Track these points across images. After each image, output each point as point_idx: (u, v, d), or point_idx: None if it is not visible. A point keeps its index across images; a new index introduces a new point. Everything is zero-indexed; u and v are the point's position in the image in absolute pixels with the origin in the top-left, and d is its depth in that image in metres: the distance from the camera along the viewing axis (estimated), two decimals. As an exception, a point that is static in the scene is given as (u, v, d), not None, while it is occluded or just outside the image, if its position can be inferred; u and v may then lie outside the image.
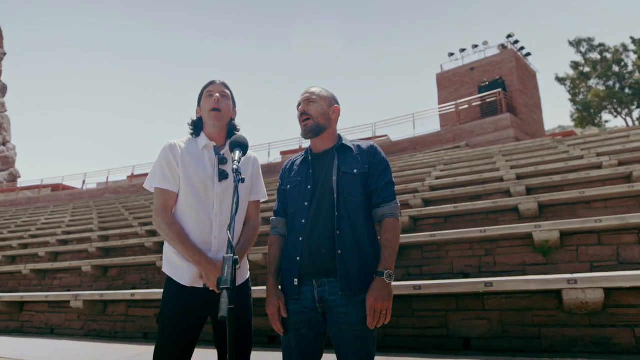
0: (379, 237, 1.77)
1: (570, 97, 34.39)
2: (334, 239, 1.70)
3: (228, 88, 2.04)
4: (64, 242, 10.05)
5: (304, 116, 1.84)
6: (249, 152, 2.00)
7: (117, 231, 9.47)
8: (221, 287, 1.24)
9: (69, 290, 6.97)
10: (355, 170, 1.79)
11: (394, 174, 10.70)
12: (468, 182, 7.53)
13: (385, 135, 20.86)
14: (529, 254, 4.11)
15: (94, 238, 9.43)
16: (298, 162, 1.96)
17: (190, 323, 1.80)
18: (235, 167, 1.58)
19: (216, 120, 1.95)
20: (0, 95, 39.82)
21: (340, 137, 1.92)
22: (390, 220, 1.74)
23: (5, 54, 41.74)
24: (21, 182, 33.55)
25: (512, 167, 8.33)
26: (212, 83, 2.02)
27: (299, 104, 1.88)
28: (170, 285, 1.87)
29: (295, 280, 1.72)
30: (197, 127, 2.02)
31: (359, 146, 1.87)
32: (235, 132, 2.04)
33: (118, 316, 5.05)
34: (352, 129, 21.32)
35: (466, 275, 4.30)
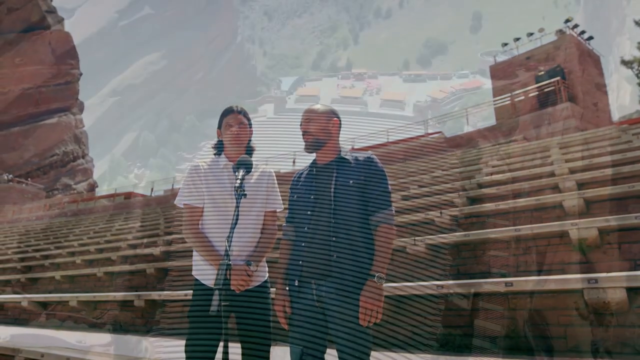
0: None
1: (638, 80, 31.54)
2: (330, 245, 1.89)
3: (245, 115, 2.31)
4: (134, 247, 10.94)
5: (305, 135, 2.06)
6: (265, 167, 2.34)
7: (179, 235, 10.16)
8: (214, 288, 1.48)
9: (136, 291, 7.64)
10: (351, 181, 1.96)
11: (444, 171, 10.55)
12: (517, 178, 7.32)
13: (440, 132, 20.44)
14: (567, 253, 4.01)
15: (159, 242, 10.20)
16: (305, 174, 2.17)
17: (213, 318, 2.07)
18: (236, 185, 1.82)
19: (236, 146, 2.25)
20: (78, 112, 43.52)
21: (340, 150, 2.10)
22: (383, 227, 1.91)
23: (81, 74, 45.58)
24: (98, 192, 36.64)
25: (566, 161, 7.96)
26: (230, 112, 2.29)
27: (301, 124, 2.10)
28: (198, 286, 2.16)
29: (296, 281, 1.93)
30: (219, 148, 2.33)
31: (356, 158, 2.05)
32: (253, 151, 2.34)
33: (175, 314, 5.52)
34: (403, 127, 21.13)
35: (503, 275, 4.28)
